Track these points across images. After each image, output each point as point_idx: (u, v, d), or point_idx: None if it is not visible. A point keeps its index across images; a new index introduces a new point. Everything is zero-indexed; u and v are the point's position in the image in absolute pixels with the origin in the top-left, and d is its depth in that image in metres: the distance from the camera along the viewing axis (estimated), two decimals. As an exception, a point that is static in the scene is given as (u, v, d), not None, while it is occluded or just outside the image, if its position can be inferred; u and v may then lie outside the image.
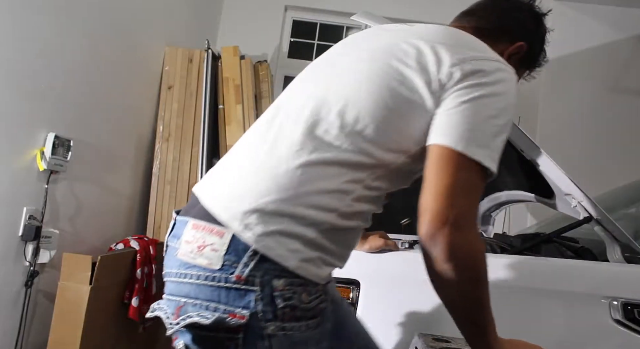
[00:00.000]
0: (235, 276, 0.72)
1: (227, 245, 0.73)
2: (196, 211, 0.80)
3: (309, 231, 0.76)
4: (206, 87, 2.90)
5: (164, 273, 0.83)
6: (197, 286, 0.74)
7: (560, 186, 1.47)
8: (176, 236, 0.81)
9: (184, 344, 0.76)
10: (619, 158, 3.19)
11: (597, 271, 1.30)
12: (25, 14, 1.81)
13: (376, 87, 0.81)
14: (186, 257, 0.76)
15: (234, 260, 0.73)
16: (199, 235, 0.76)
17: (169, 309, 0.78)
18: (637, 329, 1.16)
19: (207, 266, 0.74)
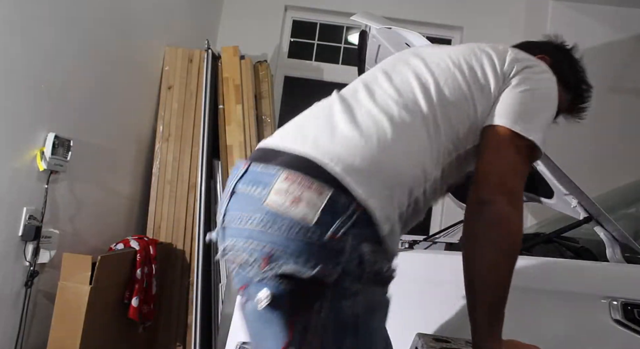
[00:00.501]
0: (330, 235, 0.73)
1: (324, 202, 0.73)
2: (285, 162, 0.78)
3: (403, 203, 0.81)
4: (206, 87, 2.90)
5: (229, 215, 0.80)
6: (287, 238, 0.73)
7: (560, 186, 1.47)
8: (260, 183, 0.77)
9: (271, 294, 0.73)
10: (619, 158, 3.19)
11: (597, 271, 1.30)
12: (25, 14, 1.81)
13: (461, 72, 0.94)
14: (277, 207, 0.74)
15: (329, 218, 0.73)
16: (294, 188, 0.74)
17: (253, 254, 0.74)
18: (637, 329, 1.16)
19: (300, 220, 0.73)
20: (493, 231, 0.84)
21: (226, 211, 0.82)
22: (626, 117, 3.26)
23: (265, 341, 0.77)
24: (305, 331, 0.74)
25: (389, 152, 0.81)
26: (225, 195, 0.85)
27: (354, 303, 0.75)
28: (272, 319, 0.74)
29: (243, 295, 0.78)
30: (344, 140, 0.81)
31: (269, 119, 3.15)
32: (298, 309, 0.74)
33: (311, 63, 3.82)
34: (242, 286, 0.77)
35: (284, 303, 0.73)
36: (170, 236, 2.77)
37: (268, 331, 0.75)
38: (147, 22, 2.75)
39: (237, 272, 0.78)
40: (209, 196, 2.77)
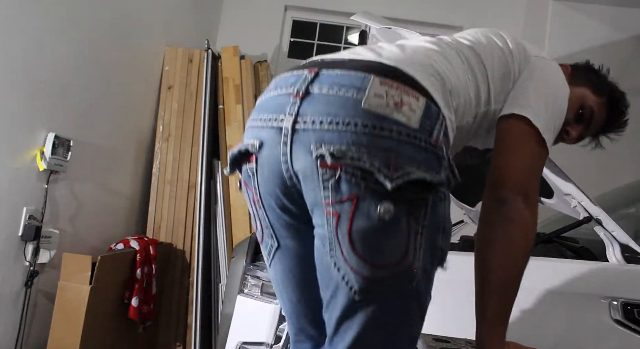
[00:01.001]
0: (434, 140, 0.74)
1: (423, 108, 0.74)
2: (369, 67, 0.76)
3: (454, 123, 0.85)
4: (206, 87, 2.90)
5: (308, 118, 0.74)
6: (399, 143, 0.71)
7: (560, 186, 1.47)
8: (349, 86, 0.74)
9: (391, 206, 0.71)
10: (619, 158, 3.19)
11: (597, 272, 1.30)
12: (26, 14, 1.81)
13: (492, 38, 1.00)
14: (381, 110, 0.72)
15: (429, 125, 0.74)
16: (393, 92, 0.73)
17: (374, 161, 0.70)
18: (637, 329, 1.16)
19: (406, 123, 0.72)
20: (510, 230, 0.87)
21: (298, 113, 0.75)
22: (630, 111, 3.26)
23: (381, 256, 0.74)
24: (416, 238, 0.74)
25: (450, 73, 0.85)
26: (281, 100, 0.78)
27: (445, 206, 0.78)
28: (390, 232, 0.73)
29: (349, 209, 0.72)
30: (415, 56, 0.84)
31: (269, 119, 3.15)
32: (412, 217, 0.73)
33: (311, 63, 3.82)
34: (348, 197, 0.72)
35: (403, 213, 0.72)
36: (170, 236, 2.76)
37: (385, 245, 0.73)
38: (147, 22, 2.75)
39: (338, 181, 0.71)
40: (209, 196, 2.77)
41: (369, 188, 0.71)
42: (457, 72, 0.88)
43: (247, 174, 0.85)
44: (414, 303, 0.79)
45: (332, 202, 0.73)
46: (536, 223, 0.90)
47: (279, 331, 1.35)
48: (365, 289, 0.75)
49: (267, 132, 0.79)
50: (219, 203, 2.79)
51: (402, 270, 0.75)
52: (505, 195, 0.87)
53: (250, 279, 1.46)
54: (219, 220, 2.78)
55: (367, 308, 0.76)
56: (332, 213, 0.73)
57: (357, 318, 0.77)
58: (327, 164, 0.71)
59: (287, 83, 0.79)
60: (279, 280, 0.92)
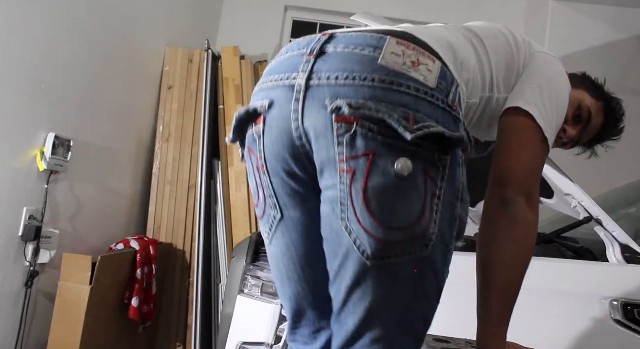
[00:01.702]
0: (450, 101, 0.74)
1: (439, 70, 0.74)
2: (385, 31, 0.77)
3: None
4: (206, 87, 2.90)
5: (335, 76, 0.71)
6: (416, 99, 0.70)
7: (560, 186, 1.47)
8: (364, 44, 0.73)
9: (410, 162, 0.69)
10: (619, 158, 3.19)
11: (596, 272, 1.30)
12: (26, 14, 1.81)
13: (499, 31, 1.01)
14: (399, 67, 0.71)
15: (445, 86, 0.74)
16: (410, 52, 0.73)
17: (394, 113, 0.69)
18: (636, 329, 1.16)
19: (424, 82, 0.71)
20: (514, 231, 0.87)
21: (312, 70, 0.73)
22: (626, 117, 3.26)
23: (395, 216, 0.71)
24: (432, 200, 0.72)
25: (459, 46, 0.86)
26: (294, 60, 0.76)
27: (462, 172, 0.76)
28: (406, 190, 0.70)
29: (365, 165, 0.69)
30: (425, 29, 0.85)
31: (269, 119, 3.15)
32: (429, 177, 0.71)
33: (311, 63, 3.82)
34: (364, 152, 0.69)
35: (420, 170, 0.70)
36: (170, 236, 2.77)
37: (401, 204, 0.70)
38: (147, 22, 2.75)
39: (353, 135, 0.69)
40: (209, 196, 2.77)
41: (386, 143, 0.69)
42: (465, 48, 0.88)
43: (252, 138, 0.81)
44: (430, 272, 0.75)
45: (347, 158, 0.70)
46: (538, 222, 0.90)
47: (279, 331, 1.35)
48: (379, 253, 0.71)
49: (279, 90, 0.76)
50: (219, 203, 2.79)
51: (418, 233, 0.71)
52: (509, 195, 0.87)
53: (250, 279, 1.46)
54: (219, 220, 2.78)
55: (380, 275, 0.72)
56: (346, 169, 0.70)
57: (369, 287, 0.73)
58: (342, 117, 0.69)
59: (299, 45, 0.78)
60: (279, 256, 0.86)
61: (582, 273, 1.29)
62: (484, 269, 0.90)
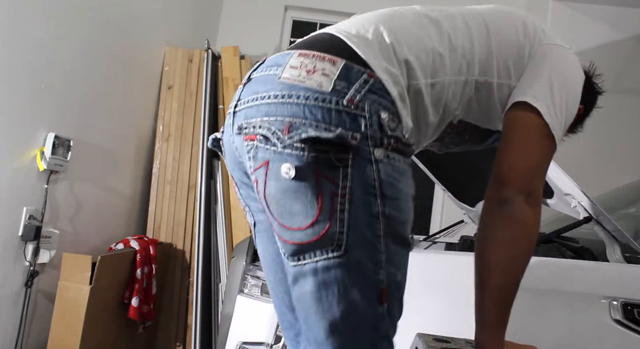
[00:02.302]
0: (347, 100, 0.74)
1: (339, 70, 0.75)
2: (298, 45, 0.82)
3: (408, 84, 0.82)
4: (206, 87, 2.90)
5: (243, 99, 0.80)
6: (305, 107, 0.73)
7: (560, 186, 1.47)
8: (274, 65, 0.80)
9: (293, 165, 0.72)
10: (619, 158, 3.19)
11: (597, 271, 1.30)
12: (25, 14, 1.82)
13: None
14: (293, 80, 0.75)
15: (344, 85, 0.75)
16: (307, 61, 0.77)
17: (272, 126, 0.74)
18: (637, 329, 1.16)
19: (317, 89, 0.74)
20: (513, 231, 0.85)
21: (239, 98, 0.82)
22: (626, 117, 3.26)
23: (293, 218, 0.74)
24: (333, 200, 0.72)
25: (398, 30, 0.84)
26: (239, 89, 0.85)
27: (378, 169, 0.74)
28: (297, 192, 0.73)
29: (263, 173, 0.75)
30: (353, 19, 0.88)
31: (269, 119, 3.15)
32: (323, 178, 0.72)
33: (311, 63, 3.82)
34: (262, 163, 0.75)
35: (308, 172, 0.72)
36: (170, 236, 2.77)
37: (295, 206, 0.73)
38: (147, 22, 2.75)
39: (256, 150, 0.76)
40: (209, 196, 2.78)
41: (276, 152, 0.73)
42: (421, 30, 0.86)
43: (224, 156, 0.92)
44: (353, 276, 0.74)
45: (253, 170, 0.77)
46: (539, 223, 0.87)
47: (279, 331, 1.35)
48: (294, 255, 0.75)
49: (227, 117, 0.85)
50: (219, 203, 2.79)
51: (320, 233, 0.73)
52: (509, 195, 0.84)
53: (250, 279, 1.46)
54: (219, 220, 2.78)
55: (304, 277, 0.75)
56: (254, 180, 0.77)
57: (298, 291, 0.76)
58: (248, 136, 0.77)
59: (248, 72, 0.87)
60: (262, 260, 0.95)
61: (582, 273, 1.29)
62: (480, 271, 0.89)
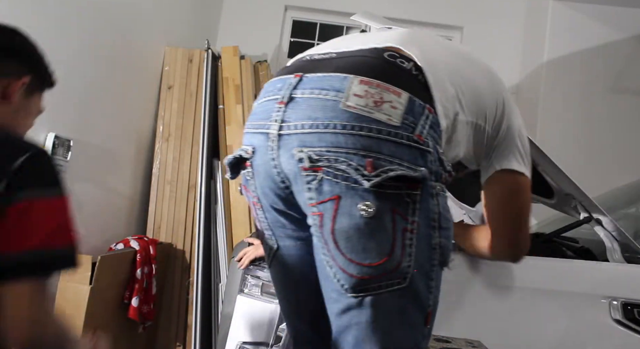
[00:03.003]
0: (416, 135, 0.74)
1: (405, 104, 0.74)
2: (347, 67, 0.77)
3: (451, 118, 0.84)
4: (206, 87, 2.90)
5: (301, 125, 0.74)
6: (378, 141, 0.72)
7: (560, 186, 1.47)
8: (330, 88, 0.75)
9: (374, 204, 0.71)
10: (619, 158, 3.19)
11: (597, 271, 1.30)
12: (25, 13, 1.81)
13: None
14: (359, 110, 0.73)
15: (411, 120, 0.74)
16: (373, 91, 0.74)
17: (352, 161, 0.71)
18: (636, 329, 1.16)
19: (386, 122, 0.72)
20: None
21: (284, 119, 0.77)
22: (626, 117, 3.26)
23: (365, 254, 0.73)
24: (404, 235, 0.73)
25: (442, 67, 0.84)
26: (269, 106, 0.80)
27: (438, 203, 0.77)
28: (373, 230, 0.72)
29: (332, 208, 0.73)
30: (389, 35, 0.85)
31: (269, 119, 3.15)
32: (397, 214, 0.73)
33: (311, 63, 3.82)
34: (331, 197, 0.73)
35: (386, 210, 0.72)
36: (170, 236, 2.76)
37: (369, 243, 0.73)
38: (147, 22, 2.75)
39: (320, 183, 0.73)
40: (209, 196, 2.77)
41: (349, 187, 0.72)
42: (452, 65, 0.88)
43: (246, 178, 0.87)
44: (411, 303, 0.77)
45: (316, 203, 0.74)
46: None
47: (279, 331, 1.35)
48: (356, 287, 0.74)
49: (258, 137, 0.81)
50: (219, 203, 2.79)
51: (391, 268, 0.74)
52: (522, 257, 1.06)
53: (250, 279, 1.46)
54: (219, 220, 2.78)
55: (362, 308, 0.75)
56: (316, 213, 0.75)
57: (354, 318, 0.76)
58: (307, 167, 0.73)
59: (274, 88, 0.82)
60: (278, 280, 0.93)
61: (582, 273, 1.29)
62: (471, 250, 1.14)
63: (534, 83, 3.41)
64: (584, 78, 3.30)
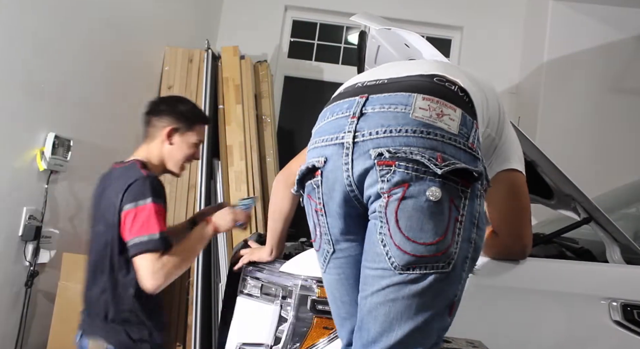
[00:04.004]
0: (470, 143, 0.88)
1: (460, 118, 0.88)
2: (413, 89, 0.90)
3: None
4: (206, 87, 2.90)
5: (365, 131, 0.87)
6: (442, 143, 0.85)
7: (559, 186, 1.47)
8: (397, 103, 0.88)
9: (439, 190, 0.83)
10: (619, 158, 3.19)
11: (596, 272, 1.30)
12: (26, 14, 1.81)
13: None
14: (425, 119, 0.86)
15: (465, 131, 0.88)
16: (434, 105, 0.87)
17: (425, 154, 0.84)
18: (636, 330, 1.16)
19: (447, 130, 0.86)
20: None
21: (357, 129, 0.89)
22: (626, 117, 3.26)
23: (422, 233, 0.84)
24: (455, 224, 0.85)
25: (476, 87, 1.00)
26: (340, 122, 0.91)
27: (480, 203, 0.89)
28: (433, 213, 0.83)
29: (400, 192, 0.84)
30: (446, 66, 0.99)
31: (268, 119, 3.15)
32: (453, 204, 0.85)
33: (311, 63, 3.82)
34: (401, 185, 0.84)
35: (446, 198, 0.84)
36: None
37: (427, 224, 0.83)
38: (147, 22, 2.75)
39: (393, 174, 0.84)
40: (209, 196, 2.77)
41: (419, 177, 0.84)
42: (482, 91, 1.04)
43: (312, 187, 0.97)
44: (449, 289, 0.87)
45: (386, 191, 0.85)
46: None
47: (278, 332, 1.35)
48: (407, 264, 0.84)
49: (331, 148, 0.92)
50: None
51: (441, 250, 0.84)
52: (528, 252, 1.23)
53: (250, 279, 1.46)
54: (219, 220, 2.78)
55: (404, 286, 0.85)
56: (386, 197, 0.85)
57: (393, 294, 0.85)
58: (384, 161, 0.85)
59: (342, 108, 0.93)
60: (332, 283, 1.03)
61: (582, 273, 1.29)
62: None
63: (534, 83, 3.41)
64: (584, 78, 3.30)
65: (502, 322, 1.20)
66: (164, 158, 1.71)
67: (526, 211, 1.21)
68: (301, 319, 1.26)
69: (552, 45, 3.31)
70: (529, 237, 1.22)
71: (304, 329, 1.26)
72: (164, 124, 1.67)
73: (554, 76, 3.28)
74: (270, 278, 1.41)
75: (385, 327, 0.86)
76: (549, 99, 3.32)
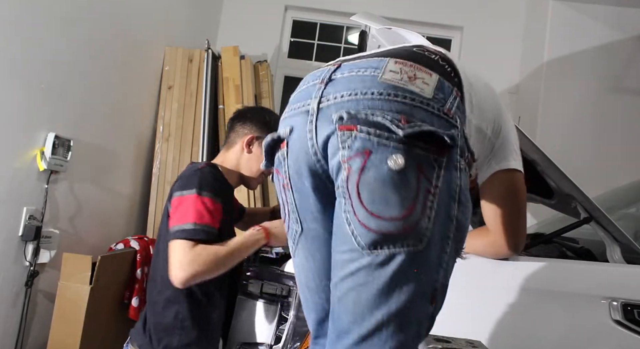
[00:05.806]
0: (446, 109, 0.80)
1: (436, 82, 0.81)
2: (385, 53, 0.85)
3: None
4: (206, 87, 2.90)
5: (340, 95, 0.80)
6: (412, 107, 0.78)
7: (560, 186, 1.47)
8: (368, 67, 0.82)
9: (402, 157, 0.75)
10: (619, 158, 3.19)
11: (597, 272, 1.30)
12: (26, 14, 1.81)
13: None
14: (396, 82, 0.79)
15: (441, 96, 0.80)
16: (407, 69, 0.81)
17: (387, 116, 0.76)
18: (636, 329, 1.16)
19: (419, 93, 0.78)
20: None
21: (322, 95, 0.82)
22: (626, 117, 3.26)
23: (387, 207, 0.76)
24: (427, 197, 0.76)
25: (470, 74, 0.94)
26: (307, 90, 0.85)
27: (460, 177, 0.80)
28: (398, 183, 0.75)
29: (360, 162, 0.76)
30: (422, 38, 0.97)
31: (269, 119, 3.15)
32: (422, 174, 0.76)
33: (311, 63, 3.82)
34: (361, 152, 0.76)
35: (413, 167, 0.76)
36: (170, 236, 2.76)
37: (393, 197, 0.75)
38: (147, 22, 2.75)
39: (354, 140, 0.76)
40: (209, 196, 2.77)
41: (381, 143, 0.76)
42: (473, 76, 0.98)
43: (279, 160, 0.90)
44: (424, 270, 0.77)
45: (347, 159, 0.77)
46: None
47: (279, 332, 1.35)
48: (373, 243, 0.75)
49: (297, 117, 0.85)
50: (219, 203, 2.79)
51: (410, 225, 0.75)
52: (522, 247, 1.23)
53: (250, 279, 1.46)
54: (219, 220, 2.78)
55: (372, 267, 0.76)
56: (346, 168, 0.77)
57: (359, 279, 0.77)
58: (345, 126, 0.77)
59: (314, 77, 0.88)
60: (301, 267, 0.95)
61: (582, 273, 1.29)
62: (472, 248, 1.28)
63: (534, 83, 3.41)
64: (584, 78, 3.30)
65: (502, 322, 1.20)
66: (240, 166, 1.62)
67: (523, 209, 1.22)
68: (302, 318, 1.26)
69: (552, 45, 3.31)
70: (523, 234, 1.22)
71: (305, 328, 1.26)
72: (246, 131, 1.64)
73: (554, 76, 3.28)
74: (270, 277, 1.41)
75: (356, 315, 0.77)
76: (549, 99, 3.32)
